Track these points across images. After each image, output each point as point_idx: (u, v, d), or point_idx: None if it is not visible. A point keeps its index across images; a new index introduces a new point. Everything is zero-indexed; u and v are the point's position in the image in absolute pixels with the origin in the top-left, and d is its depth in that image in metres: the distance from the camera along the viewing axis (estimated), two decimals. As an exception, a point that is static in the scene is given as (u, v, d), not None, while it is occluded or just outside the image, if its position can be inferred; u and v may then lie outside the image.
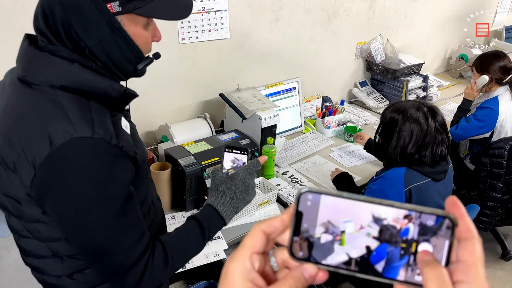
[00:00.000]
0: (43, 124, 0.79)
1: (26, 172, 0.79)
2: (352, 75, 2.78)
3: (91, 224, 0.82)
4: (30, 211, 0.86)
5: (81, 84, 0.82)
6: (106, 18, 0.83)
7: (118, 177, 0.84)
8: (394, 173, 1.51)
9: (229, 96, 1.94)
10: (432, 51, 3.30)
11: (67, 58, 0.83)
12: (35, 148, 0.78)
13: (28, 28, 0.91)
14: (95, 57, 0.86)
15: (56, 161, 0.77)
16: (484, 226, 2.34)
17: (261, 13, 2.10)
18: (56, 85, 0.81)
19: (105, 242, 0.84)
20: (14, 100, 0.85)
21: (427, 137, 1.47)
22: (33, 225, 0.89)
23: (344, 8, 2.45)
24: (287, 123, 2.26)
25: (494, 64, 2.22)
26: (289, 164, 2.04)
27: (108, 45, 0.86)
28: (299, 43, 2.36)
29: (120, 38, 0.87)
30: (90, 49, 0.85)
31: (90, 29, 0.83)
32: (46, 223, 0.87)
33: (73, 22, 0.82)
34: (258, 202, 1.66)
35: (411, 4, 2.85)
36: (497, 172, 2.20)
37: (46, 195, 0.81)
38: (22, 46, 0.87)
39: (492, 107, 2.23)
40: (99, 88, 0.84)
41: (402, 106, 1.52)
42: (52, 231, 0.88)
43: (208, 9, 1.89)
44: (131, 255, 0.86)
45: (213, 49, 2.01)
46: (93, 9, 0.82)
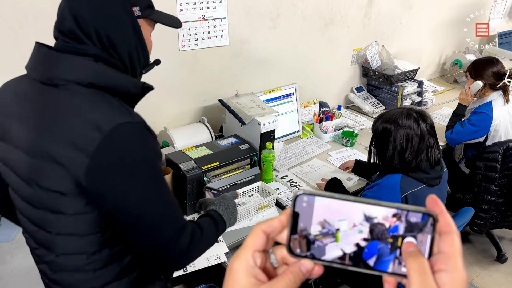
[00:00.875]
0: (86, 114, 0.84)
1: (77, 162, 0.83)
2: (349, 80, 2.83)
3: (149, 197, 0.89)
4: (73, 203, 0.88)
5: (106, 81, 0.89)
6: (131, 20, 0.94)
7: (157, 155, 0.93)
8: (390, 180, 1.52)
9: (229, 102, 1.97)
10: (427, 57, 3.35)
11: (94, 55, 0.89)
12: (85, 137, 0.83)
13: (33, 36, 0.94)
14: (119, 55, 0.94)
15: (108, 146, 0.83)
16: (479, 229, 2.37)
17: (259, 21, 2.14)
18: (84, 82, 0.87)
19: (158, 215, 0.90)
20: (43, 100, 0.89)
21: (422, 142, 1.49)
22: (73, 217, 0.90)
23: (340, 15, 2.49)
24: (285, 128, 2.30)
25: (488, 70, 2.26)
26: (288, 169, 2.07)
27: (131, 45, 0.95)
28: (297, 49, 2.40)
29: (138, 39, 0.97)
30: (116, 47, 0.92)
31: (119, 29, 0.92)
32: (87, 213, 0.90)
33: (103, 23, 0.90)
34: (258, 206, 1.69)
35: (406, 11, 2.90)
36: (492, 176, 2.24)
37: (103, 180, 0.85)
38: (40, 51, 0.91)
39: (486, 112, 2.27)
40: (121, 84, 0.92)
41: (392, 115, 1.54)
42: (91, 223, 0.91)
43: (208, 17, 1.92)
44: (180, 223, 0.93)
45: (213, 56, 2.04)
46: (122, 11, 0.92)
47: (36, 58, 0.92)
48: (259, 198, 1.76)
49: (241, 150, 1.78)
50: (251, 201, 1.73)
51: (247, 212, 1.66)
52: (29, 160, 0.89)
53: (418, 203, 1.52)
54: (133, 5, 0.94)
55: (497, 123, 2.30)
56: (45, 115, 0.88)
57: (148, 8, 1.00)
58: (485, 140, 2.35)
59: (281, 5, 2.19)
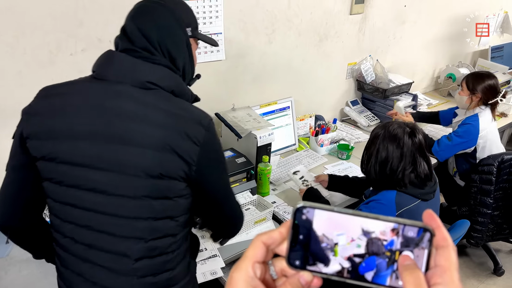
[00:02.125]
0: (191, 113, 1.00)
1: (192, 152, 0.98)
2: (344, 94, 2.86)
3: (227, 178, 1.14)
4: (179, 186, 1.01)
5: (181, 90, 1.04)
6: (186, 38, 1.08)
7: None
8: (385, 197, 1.51)
9: (225, 116, 1.98)
10: (421, 70, 3.39)
11: (165, 65, 1.03)
12: (196, 131, 0.98)
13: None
14: (177, 67, 1.07)
15: (210, 138, 1.01)
16: (475, 241, 2.37)
17: (255, 36, 2.17)
18: (169, 89, 1.01)
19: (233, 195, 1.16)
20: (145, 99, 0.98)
21: (403, 155, 1.48)
22: (175, 200, 1.02)
23: (335, 31, 2.53)
24: (281, 141, 2.31)
25: (486, 84, 2.27)
26: (284, 182, 2.07)
27: (185, 60, 1.09)
28: (292, 64, 2.43)
29: (189, 55, 1.11)
30: (175, 61, 1.06)
31: (178, 46, 1.06)
32: (185, 196, 1.03)
33: (166, 39, 1.03)
34: (254, 220, 1.68)
35: (400, 26, 2.95)
36: (487, 189, 2.25)
37: (207, 167, 1.02)
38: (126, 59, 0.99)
39: (472, 123, 2.28)
40: (187, 94, 1.07)
41: (387, 123, 1.58)
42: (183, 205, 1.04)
43: (205, 32, 1.95)
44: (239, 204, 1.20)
45: (209, 70, 2.06)
46: (179, 30, 1.06)
47: (123, 63, 0.98)
48: (256, 212, 1.76)
49: (237, 163, 1.79)
50: (247, 215, 1.73)
51: (244, 226, 1.66)
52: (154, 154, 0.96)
53: (413, 218, 1.50)
54: (187, 26, 1.08)
55: (484, 134, 2.30)
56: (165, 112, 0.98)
57: (196, 29, 1.15)
58: (474, 151, 2.36)
59: (277, 21, 2.22)
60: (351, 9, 2.53)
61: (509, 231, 2.36)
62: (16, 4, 1.46)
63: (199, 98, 1.14)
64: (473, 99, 2.30)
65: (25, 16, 1.49)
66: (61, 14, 1.54)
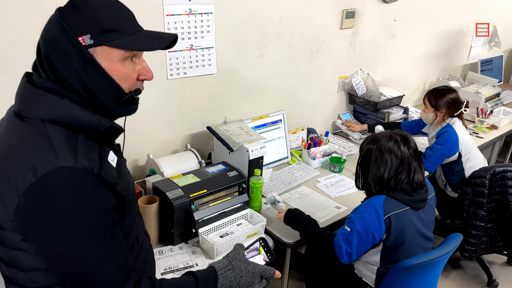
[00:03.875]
0: (29, 155, 0.82)
1: (11, 200, 0.82)
2: (336, 107, 2.87)
3: (71, 252, 0.83)
4: (12, 238, 0.87)
5: (69, 119, 0.86)
6: (77, 50, 0.86)
7: (98, 206, 0.85)
8: (374, 201, 1.56)
9: (217, 129, 1.98)
10: (411, 84, 3.43)
11: (52, 90, 0.87)
12: (20, 178, 0.80)
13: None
14: (73, 88, 0.88)
15: (38, 190, 0.80)
16: (469, 254, 2.36)
17: (246, 50, 2.18)
18: (46, 119, 0.85)
19: (85, 269, 0.85)
20: (7, 133, 0.89)
21: (402, 165, 1.53)
22: (13, 252, 0.89)
23: (325, 45, 2.56)
24: (273, 154, 2.30)
25: (449, 99, 2.31)
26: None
27: (81, 76, 0.87)
28: (284, 77, 2.44)
29: (93, 70, 0.88)
30: (65, 80, 0.87)
31: (64, 61, 0.86)
32: (25, 250, 0.88)
33: (51, 54, 0.86)
34: (246, 234, 1.67)
35: (390, 40, 2.99)
36: (479, 201, 2.25)
37: (28, 223, 0.83)
38: (21, 83, 0.92)
39: (448, 130, 2.31)
40: (86, 122, 0.87)
41: (376, 136, 1.61)
42: (32, 259, 0.89)
43: (196, 46, 1.96)
44: (111, 284, 0.86)
45: (201, 84, 2.07)
46: (66, 41, 0.85)
47: (17, 88, 0.93)
48: (248, 226, 1.74)
49: (229, 177, 1.78)
50: (239, 230, 1.71)
51: (236, 241, 1.64)
52: None
53: (401, 224, 1.54)
54: (80, 35, 0.85)
55: (463, 139, 2.33)
56: (2, 150, 0.87)
57: (107, 32, 0.87)
58: (459, 158, 2.37)
59: (268, 35, 2.24)
60: (341, 23, 2.57)
61: (502, 243, 2.35)
62: (6, 16, 1.46)
63: (120, 128, 0.95)
64: (437, 115, 2.34)
65: (14, 31, 1.49)
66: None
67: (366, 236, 1.53)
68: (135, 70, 0.94)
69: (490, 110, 3.15)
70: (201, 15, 1.92)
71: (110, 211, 0.88)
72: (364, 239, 1.53)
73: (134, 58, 0.93)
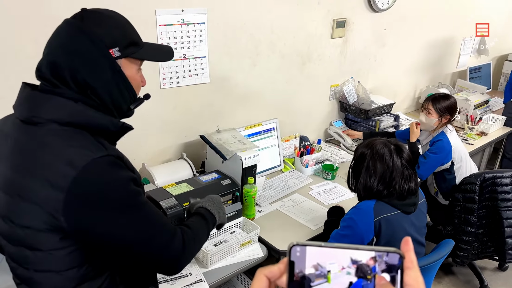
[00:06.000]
0: (61, 153, 0.87)
1: (53, 198, 0.85)
2: (328, 115, 2.90)
3: (132, 225, 0.93)
4: (49, 238, 0.90)
5: (84, 120, 0.93)
6: (109, 62, 0.96)
7: (133, 180, 0.95)
8: (365, 204, 1.58)
9: (210, 138, 1.99)
10: (402, 91, 3.47)
11: (72, 98, 0.93)
12: (59, 175, 0.85)
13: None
14: (98, 96, 0.96)
15: (83, 182, 0.86)
16: (461, 260, 2.37)
17: (239, 59, 2.20)
18: (63, 121, 0.91)
19: (148, 233, 0.95)
20: (23, 138, 0.92)
21: (393, 173, 1.55)
22: (48, 253, 0.92)
23: (317, 54, 2.59)
24: (266, 162, 2.31)
25: (451, 105, 2.35)
26: (270, 203, 2.07)
27: (111, 86, 0.97)
28: (276, 86, 2.46)
29: (120, 80, 0.99)
30: (95, 90, 0.95)
31: (96, 73, 0.95)
32: (63, 248, 0.92)
33: (79, 67, 0.92)
34: (240, 243, 1.67)
35: (380, 49, 3.04)
36: (470, 207, 2.27)
37: (83, 216, 0.88)
38: (24, 92, 0.95)
39: (442, 139, 2.34)
40: (100, 123, 0.95)
41: (371, 142, 1.63)
42: (68, 258, 0.93)
43: (189, 55, 1.97)
44: (168, 234, 0.99)
45: (194, 93, 2.08)
46: (98, 54, 0.94)
47: (20, 97, 0.96)
48: (241, 234, 1.75)
49: (222, 185, 1.78)
50: (233, 238, 1.71)
51: (230, 249, 1.64)
52: (6, 198, 0.92)
53: (391, 228, 1.55)
54: (110, 47, 0.95)
55: (456, 148, 2.37)
56: (23, 153, 0.91)
57: (131, 46, 1.00)
58: (451, 166, 2.41)
59: (260, 44, 2.26)
60: (332, 33, 2.60)
61: (493, 249, 2.37)
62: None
63: (130, 127, 1.04)
64: (442, 120, 2.36)
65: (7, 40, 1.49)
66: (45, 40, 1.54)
67: (354, 237, 1.55)
68: (141, 78, 1.09)
69: (479, 117, 3.20)
70: (194, 25, 1.94)
71: (140, 184, 1.01)
72: (352, 241, 1.55)
73: (140, 68, 1.07)
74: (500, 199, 2.22)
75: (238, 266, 1.62)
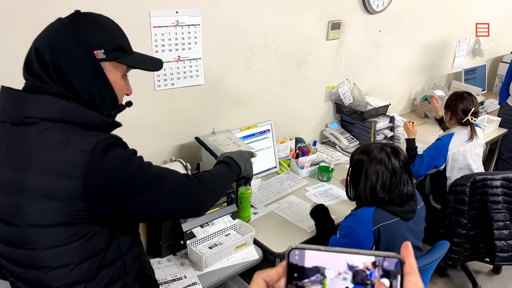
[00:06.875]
0: (67, 145, 0.89)
1: (69, 189, 0.88)
2: (323, 117, 2.90)
3: (150, 191, 0.99)
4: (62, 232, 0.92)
5: (76, 118, 0.95)
6: (91, 63, 0.97)
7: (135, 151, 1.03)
8: (364, 212, 1.55)
9: (205, 140, 1.98)
10: (397, 93, 3.48)
11: (60, 94, 0.94)
12: (70, 165, 0.88)
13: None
14: (80, 95, 0.97)
15: (95, 165, 0.89)
16: (452, 262, 2.35)
17: (234, 61, 2.20)
18: (56, 119, 0.92)
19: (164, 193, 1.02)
20: (17, 141, 0.92)
21: (394, 177, 1.52)
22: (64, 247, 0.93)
23: (312, 55, 2.59)
24: (262, 164, 2.31)
25: (457, 104, 2.37)
26: (265, 205, 2.07)
27: (90, 86, 0.98)
28: (271, 87, 2.46)
29: (101, 81, 0.99)
30: (74, 88, 0.96)
31: (77, 71, 0.96)
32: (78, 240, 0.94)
33: (62, 64, 0.94)
34: (235, 245, 1.66)
35: (375, 50, 3.04)
36: (461, 209, 2.25)
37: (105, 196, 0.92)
38: (9, 94, 0.95)
39: (443, 139, 2.37)
40: (91, 120, 0.97)
41: (367, 147, 1.60)
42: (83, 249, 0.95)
43: (183, 57, 1.97)
44: (182, 183, 1.07)
45: (189, 95, 2.07)
46: (81, 53, 0.95)
47: (4, 101, 0.96)
48: (237, 236, 1.74)
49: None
50: (228, 241, 1.71)
51: (225, 252, 1.63)
52: (8, 201, 0.91)
53: (391, 235, 1.53)
54: (95, 49, 0.96)
55: (454, 152, 2.37)
56: (22, 154, 0.91)
57: (117, 51, 1.01)
58: (444, 170, 2.42)
59: (255, 46, 2.26)
60: (327, 35, 2.60)
61: (485, 251, 2.36)
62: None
63: (119, 124, 1.08)
64: (446, 117, 2.40)
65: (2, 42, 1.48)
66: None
67: (353, 246, 1.52)
68: (126, 85, 1.09)
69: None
70: (188, 27, 1.93)
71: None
72: None
73: (125, 75, 1.08)
74: (490, 201, 2.21)
75: (233, 268, 1.61)
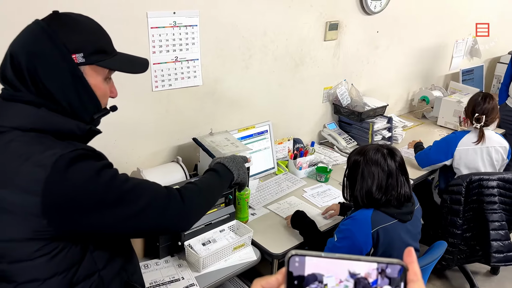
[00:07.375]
0: (30, 157, 0.84)
1: (29, 203, 0.82)
2: (321, 117, 2.90)
3: (120, 208, 0.91)
4: (26, 249, 0.87)
5: (48, 126, 0.90)
6: (69, 67, 0.92)
7: (108, 167, 0.94)
8: (362, 214, 1.54)
9: (203, 140, 1.98)
10: (395, 93, 3.49)
11: (33, 102, 0.90)
12: (30, 178, 0.82)
13: None
14: (55, 102, 0.93)
15: (56, 180, 0.83)
16: (447, 263, 2.34)
17: (232, 62, 2.20)
18: (25, 128, 0.88)
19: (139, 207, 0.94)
20: None
21: (390, 179, 1.52)
22: (29, 263, 0.88)
23: (310, 56, 2.59)
24: (260, 165, 2.31)
25: (469, 107, 2.43)
26: (264, 206, 2.06)
27: (69, 91, 0.93)
28: (269, 88, 2.46)
29: (80, 86, 0.94)
30: (52, 95, 0.91)
31: (55, 76, 0.91)
32: (45, 255, 0.89)
33: (38, 68, 0.89)
34: (233, 246, 1.66)
35: (373, 51, 3.05)
36: (456, 209, 2.24)
37: (65, 214, 0.85)
38: None
39: (456, 134, 2.42)
40: (65, 128, 0.92)
41: (363, 148, 1.60)
42: (50, 264, 0.90)
43: (181, 58, 1.96)
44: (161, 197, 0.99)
45: (186, 96, 2.07)
46: (59, 57, 0.90)
47: None
48: (235, 237, 1.74)
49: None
50: (225, 242, 1.70)
51: (222, 253, 1.63)
52: None
53: (389, 237, 1.53)
54: (74, 52, 0.91)
55: (463, 149, 2.39)
56: None
57: (97, 53, 0.95)
58: (451, 166, 2.43)
59: (253, 47, 2.26)
60: (325, 35, 2.61)
61: (482, 253, 2.35)
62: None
63: (98, 131, 1.02)
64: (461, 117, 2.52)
65: None
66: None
67: (352, 249, 1.52)
68: (110, 89, 1.04)
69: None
70: (186, 28, 1.93)
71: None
72: (351, 253, 1.53)
73: (109, 78, 1.03)
74: (486, 202, 2.21)
75: (231, 269, 1.61)
